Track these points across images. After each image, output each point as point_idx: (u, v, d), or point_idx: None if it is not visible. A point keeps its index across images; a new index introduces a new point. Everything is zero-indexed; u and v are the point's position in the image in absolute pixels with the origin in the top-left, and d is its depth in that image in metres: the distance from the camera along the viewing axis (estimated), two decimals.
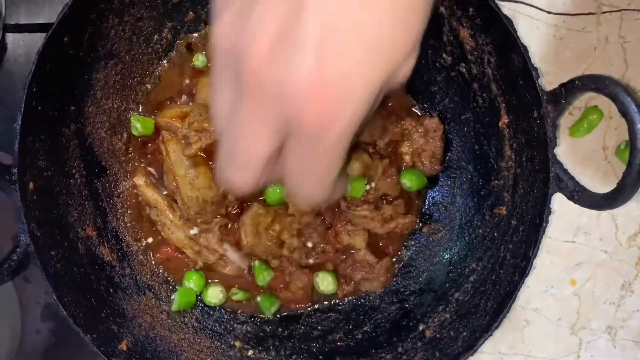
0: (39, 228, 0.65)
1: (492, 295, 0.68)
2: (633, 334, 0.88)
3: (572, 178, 0.62)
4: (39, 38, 0.81)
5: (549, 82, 0.84)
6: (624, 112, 0.54)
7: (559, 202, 0.62)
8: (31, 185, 0.65)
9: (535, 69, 0.62)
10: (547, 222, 0.63)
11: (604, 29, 0.84)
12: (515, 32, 0.62)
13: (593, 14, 0.84)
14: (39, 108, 0.64)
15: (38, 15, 0.81)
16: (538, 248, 0.64)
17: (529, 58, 0.62)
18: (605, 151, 0.85)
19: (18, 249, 0.63)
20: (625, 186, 0.55)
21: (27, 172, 0.64)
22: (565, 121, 0.84)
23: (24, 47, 0.82)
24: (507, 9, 0.83)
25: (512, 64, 0.64)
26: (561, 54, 0.84)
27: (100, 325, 0.68)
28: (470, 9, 0.64)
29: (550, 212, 0.63)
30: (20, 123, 0.62)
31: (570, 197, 0.62)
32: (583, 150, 0.85)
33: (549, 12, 0.83)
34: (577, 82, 0.58)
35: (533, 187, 0.65)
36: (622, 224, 0.86)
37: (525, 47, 0.62)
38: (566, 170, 0.63)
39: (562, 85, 0.60)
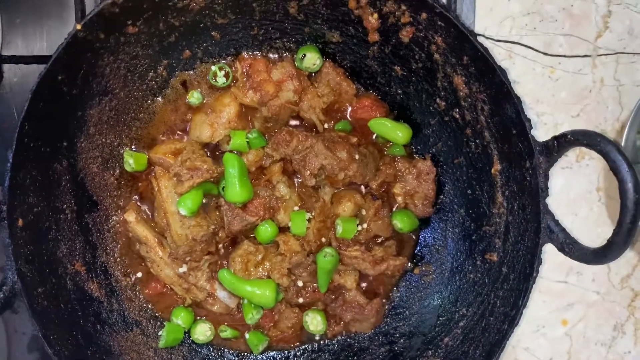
0: (27, 264, 0.65)
1: (481, 343, 0.68)
2: None
3: (563, 230, 0.62)
4: (35, 68, 0.81)
5: (543, 122, 0.84)
6: (615, 171, 0.54)
7: None
8: (20, 221, 0.65)
9: (529, 120, 0.62)
10: (537, 272, 0.63)
11: (600, 71, 0.84)
12: (509, 82, 0.62)
13: (589, 56, 0.84)
14: (31, 145, 0.65)
15: (34, 47, 0.81)
16: (528, 298, 0.64)
17: (522, 109, 0.62)
18: (599, 192, 0.85)
19: (4, 287, 0.63)
20: (615, 243, 0.55)
21: (17, 208, 0.64)
22: (560, 161, 0.84)
23: (20, 76, 0.82)
24: (503, 49, 0.83)
25: (505, 113, 0.64)
26: (557, 95, 0.84)
27: None
28: (465, 58, 0.65)
29: (541, 262, 0.63)
30: (11, 161, 0.62)
31: (561, 249, 0.62)
32: (577, 191, 0.85)
33: (545, 54, 0.84)
34: (569, 136, 0.58)
35: (524, 235, 0.65)
36: (614, 266, 0.86)
37: (518, 98, 0.62)
38: (557, 221, 0.63)
39: (555, 137, 0.60)
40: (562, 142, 0.59)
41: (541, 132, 0.84)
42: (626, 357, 0.87)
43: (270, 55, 0.76)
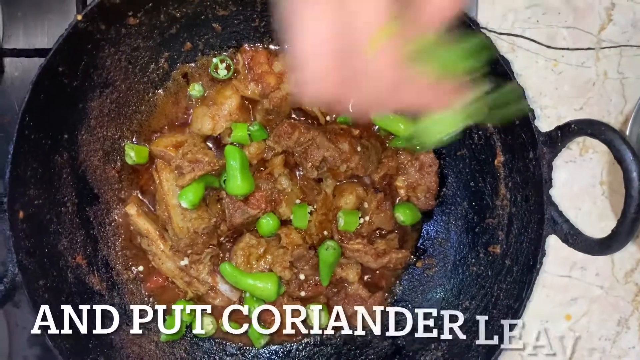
0: (28, 257, 0.65)
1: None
2: None
3: (567, 221, 0.61)
4: (36, 62, 0.80)
5: (547, 115, 0.84)
6: (620, 160, 0.53)
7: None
8: (21, 213, 0.64)
9: (532, 110, 0.61)
10: (541, 264, 0.63)
11: (603, 64, 0.84)
12: (512, 72, 0.61)
13: (592, 49, 0.84)
14: (32, 137, 0.64)
15: (35, 40, 0.81)
16: (531, 290, 0.63)
17: (526, 99, 0.61)
18: (603, 186, 0.85)
19: (5, 279, 0.63)
20: (620, 234, 0.54)
21: (17, 200, 0.64)
22: (564, 154, 0.84)
23: (21, 69, 0.82)
24: (506, 42, 0.83)
25: None
26: (560, 88, 0.84)
27: (87, 357, 0.67)
28: None
29: (545, 254, 0.63)
30: (12, 153, 0.62)
31: (565, 240, 0.61)
32: (580, 185, 0.85)
33: (549, 47, 0.83)
34: (573, 125, 0.58)
35: (528, 227, 0.65)
36: (618, 260, 0.85)
37: (521, 88, 0.62)
38: (561, 212, 0.62)
39: (558, 127, 0.60)
40: (566, 132, 0.59)
41: (544, 125, 0.82)
42: (630, 352, 0.87)
43: (272, 47, 0.75)
